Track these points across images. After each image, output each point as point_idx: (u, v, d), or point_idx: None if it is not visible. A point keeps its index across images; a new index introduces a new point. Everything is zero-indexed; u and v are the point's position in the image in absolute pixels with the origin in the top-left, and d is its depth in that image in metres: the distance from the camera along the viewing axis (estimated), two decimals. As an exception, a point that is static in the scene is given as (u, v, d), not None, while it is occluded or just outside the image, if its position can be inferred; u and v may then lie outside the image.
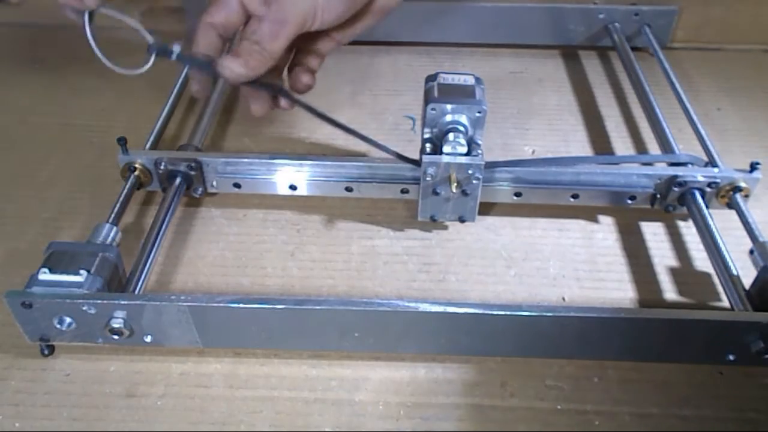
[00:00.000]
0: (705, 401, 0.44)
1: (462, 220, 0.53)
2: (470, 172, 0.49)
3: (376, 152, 0.63)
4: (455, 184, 0.49)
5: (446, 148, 0.49)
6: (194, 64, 0.48)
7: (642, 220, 0.57)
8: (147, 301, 0.42)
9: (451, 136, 0.49)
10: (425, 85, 0.51)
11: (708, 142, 0.57)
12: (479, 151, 0.49)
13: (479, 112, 0.49)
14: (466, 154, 0.49)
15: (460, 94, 0.49)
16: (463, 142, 0.49)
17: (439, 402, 0.44)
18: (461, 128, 0.49)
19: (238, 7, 0.47)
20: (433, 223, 0.56)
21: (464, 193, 0.51)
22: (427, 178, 0.50)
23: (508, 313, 0.42)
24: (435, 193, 0.51)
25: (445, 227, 0.56)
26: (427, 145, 0.50)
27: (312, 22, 0.46)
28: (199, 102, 0.67)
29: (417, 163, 0.51)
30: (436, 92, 0.49)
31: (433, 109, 0.49)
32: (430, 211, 0.53)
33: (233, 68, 0.45)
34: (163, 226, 0.50)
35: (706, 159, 0.56)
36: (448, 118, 0.49)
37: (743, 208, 0.52)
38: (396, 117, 0.68)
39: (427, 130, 0.50)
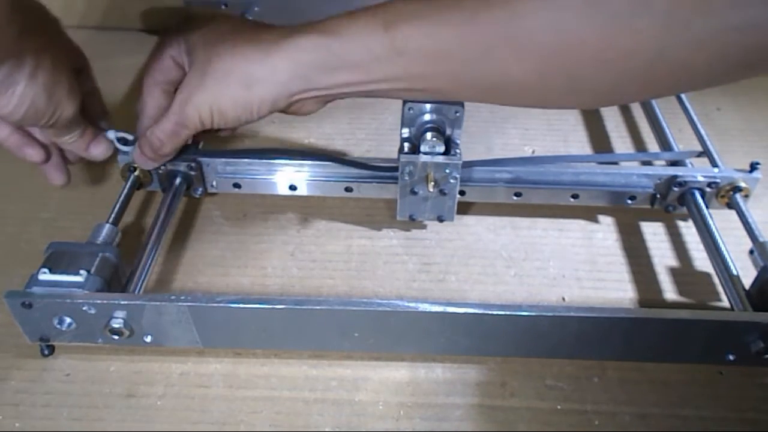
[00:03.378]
0: (705, 401, 0.44)
1: (441, 220, 0.53)
2: (448, 171, 0.49)
3: (376, 152, 0.64)
4: (432, 183, 0.49)
5: (423, 148, 0.49)
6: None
7: (642, 220, 0.57)
8: (147, 301, 0.42)
9: (428, 135, 0.48)
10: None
11: (708, 142, 0.57)
12: (457, 151, 0.49)
13: (457, 112, 0.48)
14: (445, 154, 0.49)
15: None
16: (441, 141, 0.48)
17: (439, 402, 0.44)
18: (439, 128, 0.49)
19: (173, 63, 0.48)
20: (433, 223, 0.56)
21: (442, 192, 0.50)
22: (405, 178, 0.50)
23: (508, 313, 0.42)
24: (413, 192, 0.51)
25: (446, 227, 0.56)
26: (406, 144, 0.50)
27: (210, 124, 0.46)
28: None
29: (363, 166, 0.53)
30: None
31: (410, 108, 0.48)
32: (408, 211, 0.53)
33: (140, 162, 0.51)
34: (163, 226, 0.50)
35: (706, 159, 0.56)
36: (426, 117, 0.49)
37: (743, 208, 0.52)
38: (396, 117, 0.68)
39: (405, 129, 0.50)
